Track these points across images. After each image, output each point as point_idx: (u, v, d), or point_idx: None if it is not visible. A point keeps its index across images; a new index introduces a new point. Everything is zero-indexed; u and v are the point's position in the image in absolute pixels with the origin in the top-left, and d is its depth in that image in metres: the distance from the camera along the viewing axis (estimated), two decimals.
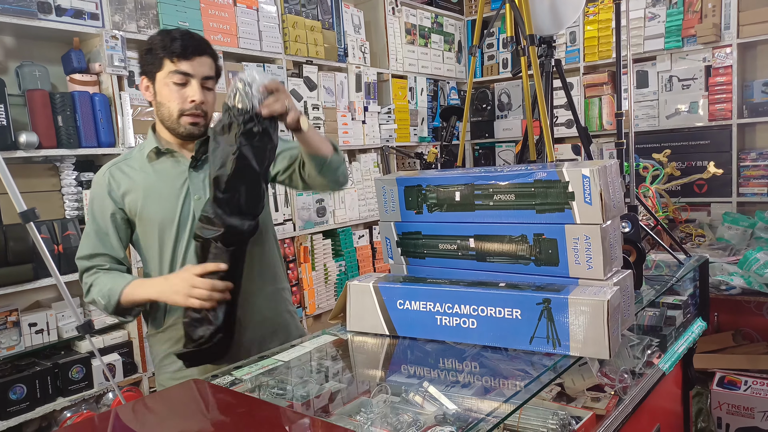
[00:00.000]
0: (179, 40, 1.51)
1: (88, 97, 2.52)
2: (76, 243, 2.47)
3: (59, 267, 2.43)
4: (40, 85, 2.47)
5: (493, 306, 1.29)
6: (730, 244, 3.39)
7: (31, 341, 2.44)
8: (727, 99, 3.84)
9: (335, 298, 3.68)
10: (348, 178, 1.75)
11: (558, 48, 4.45)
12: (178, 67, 1.51)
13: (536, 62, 1.84)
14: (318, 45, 3.65)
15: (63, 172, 2.52)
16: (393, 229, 1.56)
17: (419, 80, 4.56)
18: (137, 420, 0.99)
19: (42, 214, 2.44)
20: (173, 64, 1.51)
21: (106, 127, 2.55)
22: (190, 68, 1.53)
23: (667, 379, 1.89)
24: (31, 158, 2.46)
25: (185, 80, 1.53)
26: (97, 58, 2.60)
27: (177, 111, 1.54)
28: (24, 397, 2.32)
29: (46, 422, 2.47)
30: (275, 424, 0.89)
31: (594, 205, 1.24)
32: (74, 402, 2.48)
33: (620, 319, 1.25)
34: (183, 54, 1.51)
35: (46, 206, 2.47)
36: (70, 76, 2.57)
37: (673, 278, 1.98)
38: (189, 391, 1.08)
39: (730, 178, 3.83)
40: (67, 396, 2.46)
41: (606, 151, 4.29)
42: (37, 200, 2.43)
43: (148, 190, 1.60)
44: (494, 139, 4.95)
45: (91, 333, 2.11)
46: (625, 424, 1.53)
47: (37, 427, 2.45)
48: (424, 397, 1.30)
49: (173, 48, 1.50)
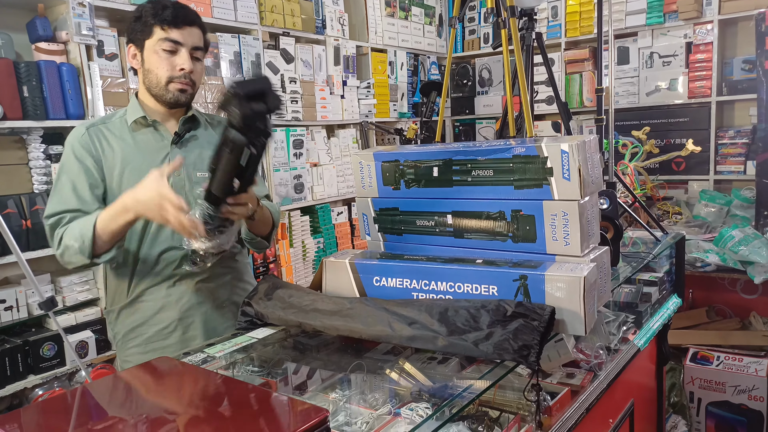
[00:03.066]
0: (170, 8, 1.52)
1: (55, 66, 2.43)
2: None
3: (28, 242, 2.37)
4: (4, 54, 2.37)
5: (469, 282, 1.28)
6: (706, 222, 3.42)
7: (1, 318, 2.39)
8: (707, 76, 3.84)
9: (313, 275, 3.65)
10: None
11: (539, 23, 4.40)
12: (169, 35, 1.52)
13: (517, 35, 1.81)
14: (295, 16, 3.56)
15: (30, 144, 2.43)
16: (370, 205, 1.54)
17: (399, 54, 4.50)
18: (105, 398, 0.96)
19: (9, 189, 2.38)
20: (164, 32, 1.52)
21: (74, 98, 2.46)
22: (180, 37, 1.53)
23: (642, 355, 1.91)
24: None
25: (175, 48, 1.53)
26: (64, 27, 2.50)
27: (165, 78, 1.55)
28: None
29: (17, 400, 2.43)
30: (245, 402, 0.86)
31: (572, 181, 1.22)
32: (46, 380, 2.44)
33: (596, 296, 1.24)
34: (174, 22, 1.52)
35: (13, 180, 2.39)
36: (36, 44, 2.47)
37: (649, 255, 1.99)
38: (159, 368, 1.05)
39: (707, 155, 3.85)
40: (38, 374, 2.42)
41: (586, 128, 4.29)
42: (3, 174, 2.36)
43: (127, 160, 1.56)
44: (474, 115, 4.92)
45: (53, 310, 2.05)
46: (600, 399, 1.54)
47: (8, 404, 2.41)
48: (400, 373, 1.29)
49: (164, 16, 1.51)
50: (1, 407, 2.39)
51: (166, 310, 1.61)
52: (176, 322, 1.61)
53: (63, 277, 2.58)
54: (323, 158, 3.82)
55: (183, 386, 0.98)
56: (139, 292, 1.61)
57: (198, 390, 0.95)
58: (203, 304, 1.64)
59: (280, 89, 3.52)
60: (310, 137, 3.73)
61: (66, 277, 2.58)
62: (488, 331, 1.12)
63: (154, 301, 1.61)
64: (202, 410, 0.86)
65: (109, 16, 2.82)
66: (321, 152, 3.80)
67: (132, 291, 1.61)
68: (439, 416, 1.04)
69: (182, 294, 1.61)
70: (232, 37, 3.23)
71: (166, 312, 1.61)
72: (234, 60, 3.24)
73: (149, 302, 1.61)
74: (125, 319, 1.64)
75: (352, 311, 1.29)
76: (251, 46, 3.31)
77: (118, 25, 2.85)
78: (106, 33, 2.65)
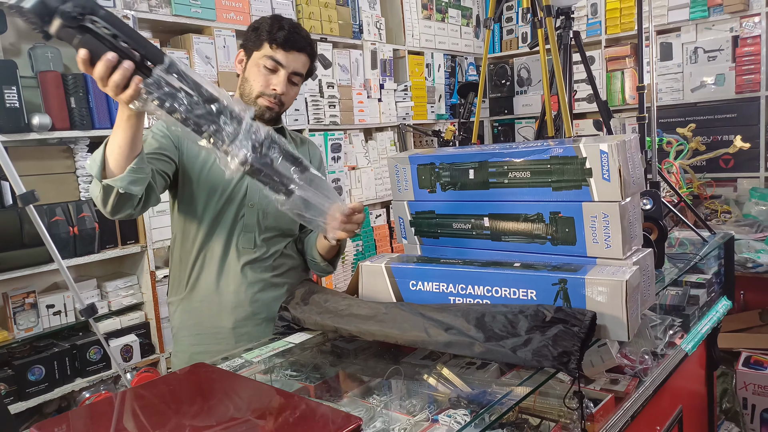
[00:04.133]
0: (285, 30, 1.55)
1: None
2: (91, 225, 2.47)
3: (75, 249, 2.45)
4: (53, 67, 2.46)
5: (507, 287, 1.26)
6: (757, 221, 3.29)
7: (49, 323, 2.47)
8: (755, 70, 3.70)
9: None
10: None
11: (579, 20, 4.33)
12: (274, 55, 1.56)
13: (553, 34, 1.78)
14: (332, 22, 3.59)
15: (77, 154, 2.51)
16: (406, 209, 1.53)
17: (436, 56, 4.48)
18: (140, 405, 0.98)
19: (57, 197, 2.45)
20: (271, 50, 1.56)
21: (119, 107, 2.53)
22: (285, 60, 1.56)
23: (690, 360, 1.84)
24: (45, 140, 2.46)
25: (275, 68, 1.57)
26: None
27: (257, 91, 1.58)
28: (42, 378, 2.35)
29: (66, 402, 2.51)
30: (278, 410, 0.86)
31: (612, 182, 1.19)
32: (92, 383, 2.51)
33: (639, 299, 1.20)
34: (283, 44, 1.55)
35: (61, 188, 2.47)
36: None
37: (696, 256, 1.92)
38: (194, 375, 1.06)
39: (758, 152, 3.71)
40: (85, 377, 2.49)
41: (629, 126, 4.19)
42: (51, 182, 2.44)
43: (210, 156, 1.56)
44: (513, 115, 4.86)
45: (94, 317, 2.10)
46: (646, 406, 1.49)
47: (57, 407, 2.48)
48: (438, 379, 1.27)
49: (277, 35, 1.55)
50: (51, 409, 2.47)
51: (221, 316, 1.63)
52: (229, 330, 1.63)
53: (109, 282, 2.65)
54: (361, 161, 3.83)
55: (216, 393, 0.98)
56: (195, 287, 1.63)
57: (231, 397, 0.95)
58: (258, 316, 1.64)
59: (318, 94, 3.55)
60: (348, 141, 3.75)
61: (111, 282, 2.65)
62: (527, 337, 1.09)
63: (210, 304, 1.63)
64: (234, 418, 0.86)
65: (152, 28, 2.90)
66: (359, 155, 3.82)
67: (189, 284, 1.64)
68: (478, 423, 1.02)
69: (238, 302, 1.63)
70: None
71: (220, 318, 1.63)
72: None
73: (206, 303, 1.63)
74: (181, 315, 1.66)
75: (387, 316, 1.28)
76: None
77: (161, 36, 2.93)
78: None
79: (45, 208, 2.36)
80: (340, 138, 3.64)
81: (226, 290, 1.62)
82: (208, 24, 2.95)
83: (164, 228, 2.71)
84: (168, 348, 2.75)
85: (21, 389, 2.31)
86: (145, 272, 2.70)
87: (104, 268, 2.75)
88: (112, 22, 1.04)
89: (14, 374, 2.30)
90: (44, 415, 2.44)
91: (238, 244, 1.61)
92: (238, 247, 1.61)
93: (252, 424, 0.83)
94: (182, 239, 1.64)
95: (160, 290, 2.72)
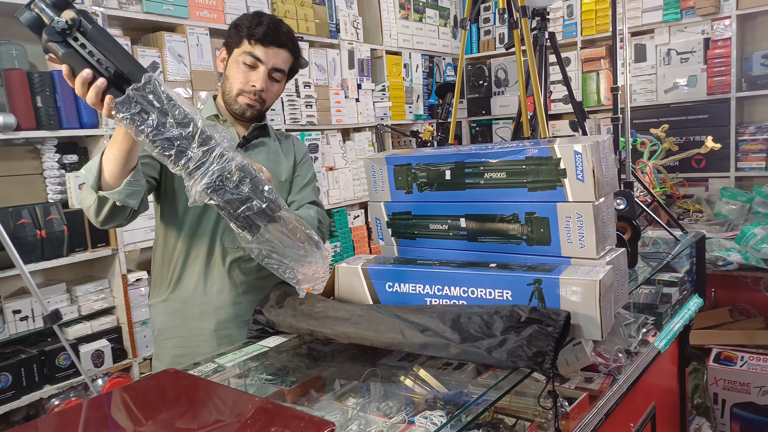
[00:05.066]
0: (264, 26, 1.54)
1: None
2: (59, 227, 2.42)
3: (42, 253, 2.39)
4: (18, 65, 2.40)
5: (483, 287, 1.26)
6: (727, 220, 3.35)
7: (16, 328, 2.40)
8: (726, 72, 3.77)
9: None
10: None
11: (555, 22, 4.36)
12: (253, 51, 1.54)
13: (529, 35, 1.78)
14: (309, 20, 3.56)
15: (44, 154, 2.45)
16: (383, 210, 1.52)
17: (414, 56, 4.48)
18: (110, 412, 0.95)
19: (24, 199, 2.39)
20: (250, 46, 1.54)
21: (87, 107, 2.48)
22: (264, 55, 1.55)
23: (663, 357, 1.86)
24: (10, 140, 2.39)
25: (255, 64, 1.55)
26: None
27: (237, 89, 1.57)
28: (9, 385, 2.28)
29: (34, 410, 2.44)
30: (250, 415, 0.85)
31: (586, 182, 1.19)
32: (62, 389, 2.45)
33: (613, 299, 1.21)
34: (262, 40, 1.54)
35: (27, 190, 2.41)
36: (49, 55, 2.49)
37: (669, 255, 1.94)
38: (164, 381, 1.04)
39: (728, 152, 3.78)
40: (54, 383, 2.43)
41: (603, 126, 4.23)
42: (18, 184, 2.38)
43: None
44: (491, 116, 4.89)
45: (59, 323, 2.05)
46: (620, 403, 1.50)
47: (25, 415, 2.42)
48: (415, 380, 1.27)
49: (255, 31, 1.53)
50: (18, 418, 2.40)
51: (204, 318, 1.60)
52: (211, 332, 1.60)
53: (79, 286, 2.59)
54: (339, 162, 3.81)
55: (185, 400, 0.96)
56: (180, 288, 1.60)
57: (201, 403, 0.93)
58: (240, 318, 1.62)
59: (295, 94, 3.52)
60: (326, 141, 3.72)
61: (82, 286, 2.60)
62: (502, 338, 1.09)
63: (193, 306, 1.60)
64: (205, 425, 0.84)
65: (122, 25, 2.84)
66: (336, 156, 3.80)
67: (175, 284, 1.61)
68: (454, 424, 1.02)
69: (221, 304, 1.60)
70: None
71: (202, 320, 1.60)
72: None
73: (189, 305, 1.61)
74: (163, 316, 1.63)
75: (363, 318, 1.27)
76: None
77: (132, 34, 2.87)
78: (120, 42, 2.66)
79: (10, 211, 2.30)
80: (318, 138, 3.62)
81: (210, 291, 1.60)
82: (181, 22, 2.90)
83: (136, 230, 2.67)
84: (141, 353, 2.71)
85: None
86: (117, 276, 2.64)
87: (74, 272, 2.69)
88: (95, 38, 1.06)
89: None
90: (11, 423, 2.37)
91: (223, 243, 1.58)
92: (223, 246, 1.59)
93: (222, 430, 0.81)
94: (165, 238, 1.62)
95: (132, 294, 2.67)
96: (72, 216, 2.48)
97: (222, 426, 0.83)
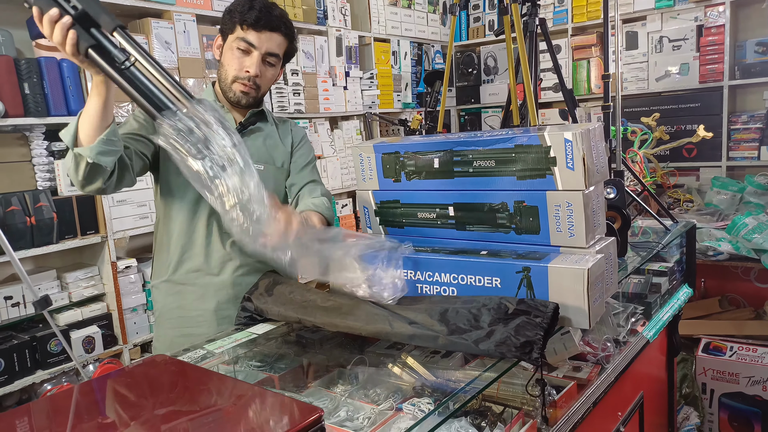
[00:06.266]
0: (256, 10, 1.52)
1: (56, 63, 2.42)
2: (49, 215, 2.40)
3: (32, 240, 2.37)
4: (5, 51, 2.36)
5: (473, 274, 1.26)
6: (718, 209, 3.36)
7: (8, 314, 2.39)
8: (719, 60, 3.76)
9: None
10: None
11: (546, 8, 4.34)
12: (246, 36, 1.53)
13: (519, 21, 1.77)
14: (296, 7, 3.53)
15: (33, 141, 2.42)
16: (371, 198, 1.51)
17: (402, 44, 4.45)
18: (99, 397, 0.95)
19: (12, 186, 2.37)
20: (242, 31, 1.53)
21: (75, 94, 2.45)
22: (256, 40, 1.53)
23: (652, 347, 1.87)
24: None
25: (248, 49, 1.54)
26: None
27: (232, 76, 1.57)
28: (2, 370, 2.28)
29: (26, 395, 2.44)
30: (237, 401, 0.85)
31: (576, 171, 1.19)
32: (54, 375, 2.45)
33: (602, 288, 1.21)
34: (254, 25, 1.52)
35: (16, 177, 2.39)
36: (36, 41, 2.46)
37: (659, 245, 1.95)
38: (153, 366, 1.04)
39: (720, 141, 3.78)
40: (46, 369, 2.42)
41: (594, 115, 4.23)
42: (6, 171, 2.36)
43: None
44: (480, 104, 4.87)
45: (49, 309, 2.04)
46: (608, 392, 1.51)
47: (18, 400, 2.42)
48: (403, 368, 1.27)
49: (247, 16, 1.52)
50: (11, 402, 2.40)
51: (205, 299, 1.61)
52: (212, 312, 1.61)
53: (69, 273, 2.58)
54: (327, 150, 3.79)
55: (175, 385, 0.96)
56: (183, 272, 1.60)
57: (189, 389, 0.93)
58: (240, 299, 1.60)
59: (282, 81, 3.50)
60: (313, 129, 3.70)
61: (72, 273, 2.58)
62: (489, 329, 1.09)
63: (194, 287, 1.61)
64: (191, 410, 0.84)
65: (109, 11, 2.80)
66: (324, 145, 3.78)
67: (176, 268, 1.61)
68: (442, 411, 1.03)
69: (222, 285, 1.61)
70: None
71: (204, 301, 1.61)
72: None
73: (190, 286, 1.61)
74: (166, 297, 1.64)
75: (351, 308, 1.27)
76: None
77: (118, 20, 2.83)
78: None
79: (0, 198, 2.28)
80: (305, 127, 3.60)
81: (211, 272, 1.60)
82: (168, 8, 2.87)
83: (125, 218, 2.65)
84: (131, 339, 2.70)
85: None
86: (106, 263, 2.63)
87: (64, 259, 2.68)
88: None
89: None
90: (3, 408, 2.37)
91: (222, 225, 1.57)
92: (222, 228, 1.58)
93: (208, 416, 0.81)
94: (165, 220, 1.62)
95: (121, 281, 2.66)
96: (61, 203, 2.46)
97: (211, 411, 0.83)
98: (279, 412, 0.83)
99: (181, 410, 0.85)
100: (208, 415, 0.82)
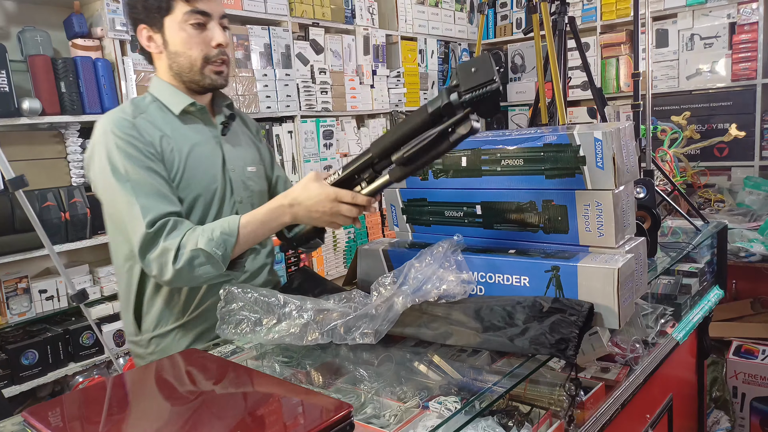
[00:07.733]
0: None
1: (91, 62, 2.48)
2: (83, 210, 2.46)
3: (67, 234, 2.43)
4: (42, 51, 2.43)
5: (501, 273, 1.26)
6: (750, 210, 3.30)
7: (42, 308, 2.46)
8: (752, 57, 3.69)
9: (344, 265, 3.66)
10: None
11: (574, 6, 4.30)
12: (195, 6, 1.31)
13: (548, 19, 1.76)
14: (324, 6, 3.55)
15: (68, 139, 2.49)
16: (398, 196, 1.52)
17: (429, 42, 4.45)
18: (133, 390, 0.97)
19: (48, 182, 2.44)
20: (188, 4, 1.30)
21: (109, 92, 2.51)
22: (208, 6, 1.32)
23: (681, 349, 1.85)
24: (35, 125, 2.43)
25: (204, 20, 1.32)
26: (99, 23, 2.54)
27: (201, 59, 1.34)
28: (36, 362, 2.35)
29: (59, 386, 2.51)
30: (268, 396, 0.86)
31: (606, 170, 1.18)
32: (85, 367, 2.51)
33: (632, 288, 1.20)
34: None
35: (52, 174, 2.45)
36: (72, 41, 2.52)
37: (689, 245, 1.92)
38: (185, 360, 1.06)
39: (752, 140, 3.71)
40: (78, 361, 2.49)
41: (623, 113, 4.18)
42: (42, 168, 2.42)
43: (193, 147, 1.35)
44: (507, 102, 4.84)
45: (85, 302, 2.10)
46: (636, 394, 1.49)
47: (50, 391, 2.49)
48: (429, 366, 1.27)
49: None
50: (44, 393, 2.47)
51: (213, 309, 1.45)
52: None
53: (101, 267, 2.64)
54: (353, 148, 3.81)
55: (206, 379, 0.98)
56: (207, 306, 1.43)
57: (221, 383, 0.95)
58: None
59: (310, 80, 3.52)
60: (340, 127, 3.73)
61: (104, 267, 2.64)
62: (524, 327, 1.09)
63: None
64: (223, 404, 0.86)
65: None
66: (351, 142, 3.80)
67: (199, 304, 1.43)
68: (468, 410, 1.02)
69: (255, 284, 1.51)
70: (262, 29, 3.24)
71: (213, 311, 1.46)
72: (264, 52, 3.25)
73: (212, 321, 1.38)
74: (180, 340, 1.43)
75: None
76: (281, 38, 3.32)
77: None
78: None
79: (36, 194, 2.34)
80: (332, 125, 3.62)
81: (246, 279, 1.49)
82: None
83: None
84: None
85: (14, 373, 2.31)
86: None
87: (96, 254, 2.74)
88: None
89: (8, 358, 2.30)
90: (38, 398, 2.44)
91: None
92: None
93: (240, 410, 0.83)
94: None
95: None
96: (94, 199, 2.49)
97: (242, 405, 0.84)
98: (311, 408, 0.84)
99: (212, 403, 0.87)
100: (241, 409, 0.84)
